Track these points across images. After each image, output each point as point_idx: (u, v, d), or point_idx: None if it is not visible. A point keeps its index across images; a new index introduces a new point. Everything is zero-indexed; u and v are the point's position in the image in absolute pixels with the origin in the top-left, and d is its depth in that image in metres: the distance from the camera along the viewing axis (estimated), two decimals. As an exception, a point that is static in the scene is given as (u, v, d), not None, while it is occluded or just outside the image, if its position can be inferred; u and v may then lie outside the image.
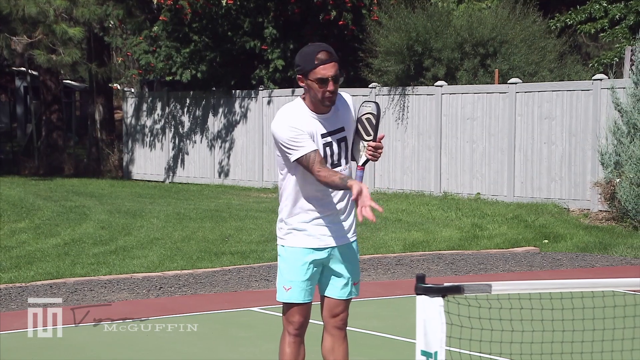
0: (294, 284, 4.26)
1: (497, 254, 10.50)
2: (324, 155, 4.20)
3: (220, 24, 19.29)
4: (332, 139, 4.24)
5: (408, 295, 7.55)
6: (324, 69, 4.14)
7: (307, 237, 4.25)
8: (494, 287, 3.31)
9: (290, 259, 4.27)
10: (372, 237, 11.47)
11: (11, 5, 18.81)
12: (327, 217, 4.26)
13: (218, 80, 19.75)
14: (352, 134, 4.31)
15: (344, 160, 4.29)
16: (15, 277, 8.66)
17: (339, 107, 4.29)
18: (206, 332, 6.53)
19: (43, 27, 19.33)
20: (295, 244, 4.26)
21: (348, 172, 4.30)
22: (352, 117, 4.31)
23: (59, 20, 19.27)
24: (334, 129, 4.26)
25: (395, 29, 16.59)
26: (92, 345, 6.16)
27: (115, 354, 6.01)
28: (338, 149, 4.27)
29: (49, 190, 17.50)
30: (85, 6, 19.48)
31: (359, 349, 6.08)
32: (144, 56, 20.03)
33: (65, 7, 19.32)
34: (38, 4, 18.86)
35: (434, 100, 16.13)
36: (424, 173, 16.33)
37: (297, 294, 4.26)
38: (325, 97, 4.17)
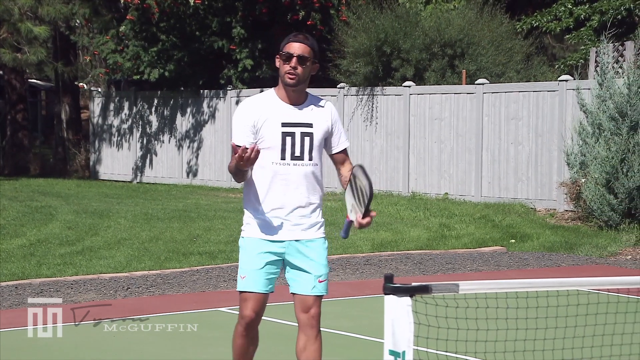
0: (249, 273, 4.31)
1: (464, 254, 10.57)
2: (282, 144, 4.27)
3: (188, 23, 19.22)
4: (296, 131, 4.30)
5: (376, 295, 7.57)
6: (292, 47, 4.29)
7: (263, 229, 4.30)
8: (461, 287, 3.33)
9: (246, 248, 4.34)
10: (340, 237, 11.48)
11: (-24, 4, 18.59)
12: (286, 212, 4.30)
13: (186, 79, 19.67)
14: (321, 137, 4.38)
15: (308, 157, 4.33)
16: (-19, 278, 8.55)
17: (314, 107, 4.37)
18: (170, 333, 6.50)
19: (8, 25, 19.13)
20: (251, 235, 4.33)
21: (312, 169, 4.36)
22: (326, 123, 4.39)
23: (24, 19, 19.07)
24: (301, 122, 4.32)
25: (364, 30, 16.64)
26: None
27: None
28: (301, 142, 4.31)
29: (14, 190, 17.31)
30: (51, 5, 19.30)
31: (328, 348, 6.08)
32: (111, 55, 19.89)
33: (30, 6, 19.13)
34: (2, 2, 18.66)
35: (402, 101, 16.19)
36: (392, 173, 16.39)
37: (251, 282, 4.30)
38: (287, 71, 4.27)
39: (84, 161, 22.30)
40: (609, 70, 12.86)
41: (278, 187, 4.29)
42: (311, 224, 4.38)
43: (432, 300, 3.75)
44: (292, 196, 4.30)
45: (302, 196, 4.32)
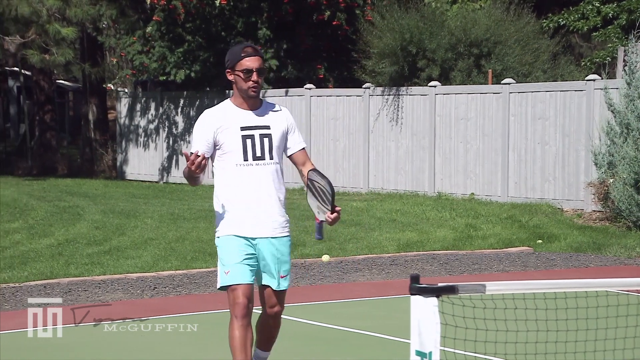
0: (232, 267, 4.54)
1: (491, 254, 10.52)
2: (243, 146, 4.59)
3: (214, 24, 19.28)
4: (255, 133, 4.62)
5: (402, 296, 7.55)
6: (249, 61, 4.60)
7: (235, 227, 4.59)
8: (488, 287, 3.31)
9: (224, 246, 4.60)
10: (367, 237, 11.47)
11: (4, 6, 18.76)
12: (253, 209, 4.58)
13: (212, 80, 19.73)
14: (279, 138, 4.68)
15: (269, 156, 4.64)
16: (9, 277, 8.64)
17: (270, 111, 4.72)
18: (202, 333, 6.52)
19: (36, 27, 19.29)
20: (226, 233, 4.61)
21: (274, 167, 4.67)
22: (282, 125, 4.71)
23: (51, 20, 19.23)
24: (259, 125, 4.65)
25: (389, 30, 16.60)
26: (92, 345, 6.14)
27: (116, 354, 6.00)
28: (261, 143, 4.62)
29: (42, 191, 17.46)
30: (78, 6, 19.44)
31: (353, 348, 6.09)
32: (137, 56, 20.01)
33: (58, 7, 19.29)
34: (31, 4, 18.82)
35: (428, 101, 16.15)
36: (417, 173, 16.35)
37: (236, 275, 4.53)
38: (250, 87, 4.60)
39: (111, 161, 22.45)
40: (637, 70, 12.74)
41: (243, 186, 4.58)
42: (279, 223, 4.67)
43: (458, 300, 3.73)
44: (257, 194, 4.59)
45: (267, 193, 4.61)
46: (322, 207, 4.57)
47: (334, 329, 6.67)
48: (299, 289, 8.47)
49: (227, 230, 4.61)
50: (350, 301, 7.90)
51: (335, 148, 17.65)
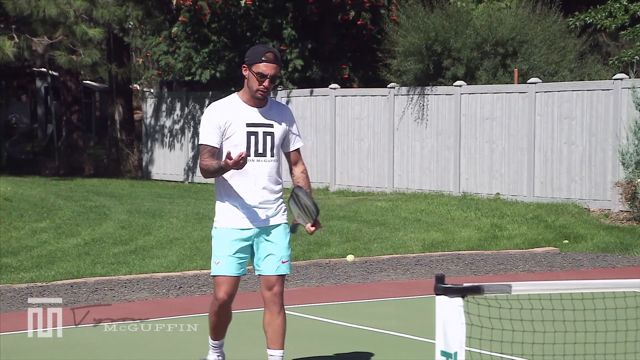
0: (222, 259, 4.86)
1: (516, 255, 10.46)
2: (247, 143, 4.83)
3: (239, 24, 19.33)
4: (259, 130, 4.87)
5: (427, 296, 7.53)
6: (266, 67, 4.79)
7: (233, 219, 4.85)
8: (514, 288, 3.30)
9: (219, 238, 4.89)
10: (391, 237, 11.45)
11: (32, 7, 18.93)
12: (253, 202, 4.84)
13: (237, 80, 19.79)
14: (280, 136, 4.93)
15: (270, 153, 4.90)
16: (37, 276, 8.72)
17: (274, 109, 4.95)
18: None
19: (63, 28, 19.44)
20: (224, 225, 4.88)
21: (274, 164, 4.92)
22: (284, 124, 4.96)
23: (79, 21, 19.37)
24: (263, 122, 4.89)
25: (414, 29, 16.56)
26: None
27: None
28: (263, 140, 4.87)
29: (69, 190, 17.60)
30: (105, 7, 19.57)
31: (377, 348, 6.08)
32: (163, 57, 20.11)
33: (85, 8, 19.43)
34: (58, 5, 18.97)
35: (453, 100, 16.09)
36: (442, 173, 16.29)
37: (225, 267, 4.85)
38: (259, 89, 4.82)
39: (137, 161, 22.58)
40: (665, 68, 12.62)
41: (245, 180, 4.84)
42: (275, 212, 4.92)
43: (484, 301, 3.71)
44: (257, 188, 4.86)
45: (266, 188, 4.87)
46: (302, 216, 4.90)
47: (359, 329, 6.66)
48: (323, 289, 8.47)
49: (226, 222, 4.88)
50: (374, 301, 7.88)
51: (360, 148, 17.63)
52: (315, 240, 11.19)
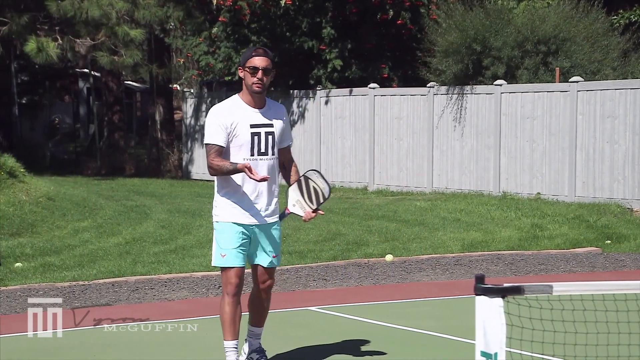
0: (228, 251, 5.16)
1: (557, 255, 10.35)
2: (251, 142, 5.13)
3: (279, 24, 19.38)
4: (261, 131, 5.16)
5: (467, 296, 7.48)
6: (257, 60, 5.13)
7: (235, 214, 5.16)
8: (555, 288, 3.26)
9: (223, 231, 5.18)
10: (431, 237, 11.40)
11: (75, 8, 19.16)
12: (255, 199, 5.15)
13: (276, 80, 19.83)
14: (279, 135, 5.23)
15: (271, 152, 5.19)
16: (79, 275, 8.81)
17: (272, 109, 5.25)
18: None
19: (105, 29, 19.65)
20: (226, 220, 5.17)
21: (273, 163, 5.20)
22: (282, 122, 5.25)
23: (121, 22, 19.57)
24: (264, 123, 5.18)
25: (454, 28, 16.47)
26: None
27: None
28: (265, 140, 5.16)
29: (110, 190, 17.78)
30: (147, 8, 19.75)
31: (416, 349, 6.05)
32: (203, 57, 20.23)
33: (127, 9, 19.62)
34: (101, 6, 19.18)
35: (493, 100, 15.97)
36: (482, 173, 16.18)
37: (231, 259, 5.15)
38: (254, 83, 5.11)
39: (177, 161, 22.74)
40: None
41: (247, 178, 5.07)
42: (272, 210, 5.24)
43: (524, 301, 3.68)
44: (258, 185, 5.13)
45: (266, 185, 5.15)
46: (302, 203, 5.21)
47: (398, 329, 6.64)
48: (362, 289, 8.46)
49: (228, 217, 5.17)
50: (413, 301, 7.85)
51: (399, 147, 17.58)
52: (354, 240, 11.17)
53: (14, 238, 11.02)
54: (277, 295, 8.05)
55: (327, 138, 18.90)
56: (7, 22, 19.81)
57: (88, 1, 19.14)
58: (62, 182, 18.40)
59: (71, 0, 19.14)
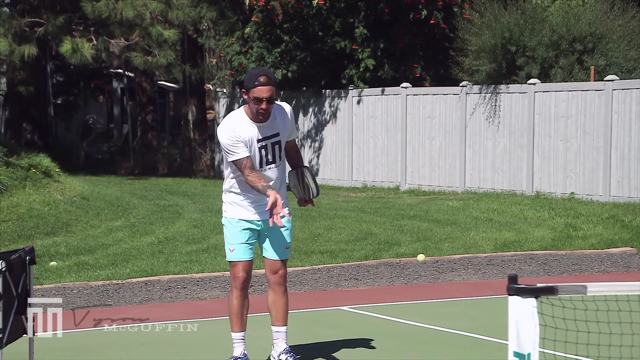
0: (237, 246, 5.40)
1: (592, 255, 10.25)
2: (259, 156, 5.33)
3: (311, 24, 19.39)
4: (267, 143, 5.36)
5: (499, 296, 7.43)
6: (261, 91, 5.20)
7: (242, 211, 5.38)
8: (589, 288, 3.23)
9: (231, 227, 5.41)
10: (463, 237, 11.34)
11: (110, 9, 19.33)
12: (258, 198, 5.31)
13: (308, 79, 19.86)
14: (285, 138, 5.44)
15: (278, 159, 5.42)
16: (112, 274, 8.89)
17: (277, 116, 5.40)
18: (293, 331, 6.56)
19: (139, 29, 19.81)
20: (234, 216, 5.41)
21: (281, 168, 5.44)
22: (287, 124, 5.44)
23: (154, 23, 19.71)
24: (270, 134, 5.37)
25: (488, 27, 16.37)
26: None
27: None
28: (272, 150, 5.39)
29: (143, 190, 17.91)
30: (180, 8, 19.87)
31: (449, 349, 6.02)
32: (236, 57, 20.31)
33: (160, 10, 19.76)
34: (135, 7, 19.33)
35: (527, 99, 15.85)
36: (515, 172, 16.07)
37: (240, 253, 5.39)
38: (259, 112, 5.26)
39: (209, 161, 22.85)
40: None
41: None
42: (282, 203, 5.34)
43: (558, 301, 3.64)
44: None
45: (276, 186, 5.33)
46: (298, 188, 5.57)
47: (430, 329, 6.61)
48: (394, 288, 8.44)
49: (236, 214, 5.41)
50: (445, 301, 7.82)
51: (431, 147, 17.51)
52: (386, 239, 11.15)
53: (49, 237, 11.14)
54: (309, 295, 8.06)
55: (359, 137, 18.88)
56: (43, 23, 20.04)
57: (122, 2, 19.30)
58: (96, 182, 18.57)
59: (106, 1, 19.32)
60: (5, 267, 3.99)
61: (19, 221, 11.57)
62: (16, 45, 19.27)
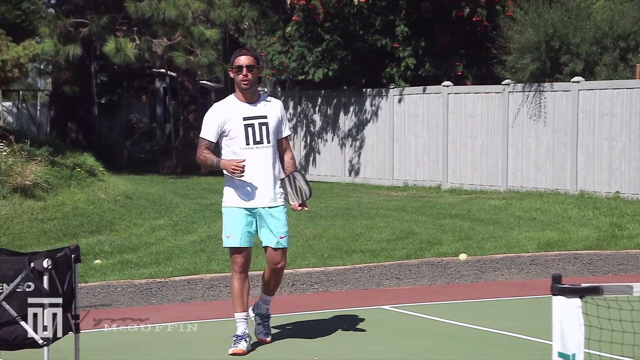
0: (232, 233, 5.77)
1: (638, 255, 10.10)
2: (245, 133, 5.74)
3: (352, 22, 19.37)
4: (255, 122, 5.77)
5: (542, 296, 7.36)
6: (239, 60, 5.76)
7: (239, 199, 5.77)
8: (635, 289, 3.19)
9: (228, 215, 5.80)
10: (505, 236, 11.25)
11: (152, 9, 19.51)
12: (253, 186, 5.73)
13: (349, 78, 19.85)
14: (275, 125, 5.81)
15: (266, 140, 5.78)
16: (155, 272, 8.97)
17: (266, 104, 5.86)
18: (333, 329, 6.56)
19: (182, 29, 19.96)
20: (230, 205, 5.80)
21: (271, 150, 5.78)
22: (277, 114, 5.85)
23: (196, 23, 19.85)
24: (257, 115, 5.79)
25: (531, 25, 16.22)
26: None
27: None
28: (260, 130, 5.77)
29: (185, 188, 18.05)
30: (222, 8, 19.99)
31: (492, 348, 5.98)
32: (277, 56, 20.36)
33: (202, 10, 19.89)
34: (177, 7, 19.49)
35: (571, 97, 15.68)
36: (559, 171, 15.90)
37: (235, 240, 5.76)
38: (241, 80, 5.73)
39: (251, 160, 22.91)
40: None
41: (249, 166, 5.68)
42: (274, 194, 5.81)
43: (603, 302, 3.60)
44: (257, 172, 5.72)
45: (265, 170, 5.74)
46: (291, 194, 5.82)
47: (472, 329, 6.57)
48: (435, 288, 8.40)
49: (232, 202, 5.79)
50: (488, 301, 7.77)
51: (473, 146, 17.40)
52: (427, 238, 11.11)
53: (93, 235, 11.28)
54: (350, 294, 8.06)
55: (400, 137, 18.82)
56: (87, 23, 20.29)
57: (165, 2, 19.47)
58: (139, 181, 18.76)
59: (149, 1, 19.50)
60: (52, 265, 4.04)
61: (64, 220, 11.73)
62: (61, 46, 19.54)
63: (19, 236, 10.65)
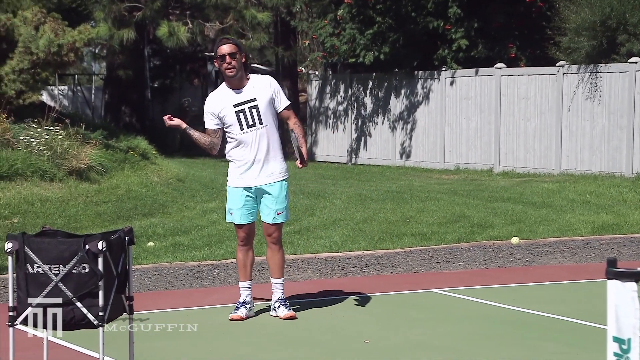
0: (234, 210, 6.24)
1: (695, 240, 9.89)
2: (238, 120, 6.10)
3: (404, 4, 19.24)
4: (245, 107, 6.10)
5: (597, 280, 7.26)
6: (221, 49, 6.07)
7: (239, 179, 6.19)
8: (693, 273, 3.11)
9: (230, 194, 6.25)
10: (559, 220, 11.11)
11: (205, -7, 19.61)
12: (251, 166, 6.13)
13: (400, 61, 19.73)
14: (265, 105, 6.11)
15: (259, 122, 6.12)
16: (207, 255, 9.04)
17: (255, 85, 6.13)
18: (382, 313, 6.56)
19: (234, 12, 20.03)
20: (232, 185, 6.25)
21: (265, 130, 6.13)
22: (267, 92, 6.13)
23: (248, 6, 19.90)
24: (246, 99, 6.11)
25: (588, 4, 15.93)
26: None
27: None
28: (250, 114, 6.10)
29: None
30: (273, -9, 20.00)
31: (545, 333, 5.92)
32: (328, 39, 20.33)
33: (254, -7, 19.93)
34: (228, -10, 19.55)
35: (627, 78, 15.38)
36: (614, 153, 15.63)
37: (236, 217, 6.24)
38: (225, 68, 6.05)
39: (302, 143, 22.97)
40: None
41: (245, 149, 6.13)
42: (272, 172, 6.21)
43: (659, 287, 3.52)
44: (255, 153, 6.12)
45: (263, 151, 6.14)
46: (295, 152, 6.26)
47: (525, 313, 6.51)
48: (487, 271, 8.34)
49: (234, 182, 6.22)
50: (541, 284, 7.69)
51: (526, 128, 17.19)
52: (479, 222, 11.02)
53: (146, 218, 11.41)
54: (401, 277, 8.04)
55: (452, 119, 18.68)
56: (141, 7, 20.46)
57: (217, -15, 19.55)
58: (191, 164, 18.92)
59: (201, -15, 19.60)
60: (106, 247, 4.10)
61: (118, 202, 11.90)
62: (115, 30, 19.74)
63: (75, 218, 10.83)
